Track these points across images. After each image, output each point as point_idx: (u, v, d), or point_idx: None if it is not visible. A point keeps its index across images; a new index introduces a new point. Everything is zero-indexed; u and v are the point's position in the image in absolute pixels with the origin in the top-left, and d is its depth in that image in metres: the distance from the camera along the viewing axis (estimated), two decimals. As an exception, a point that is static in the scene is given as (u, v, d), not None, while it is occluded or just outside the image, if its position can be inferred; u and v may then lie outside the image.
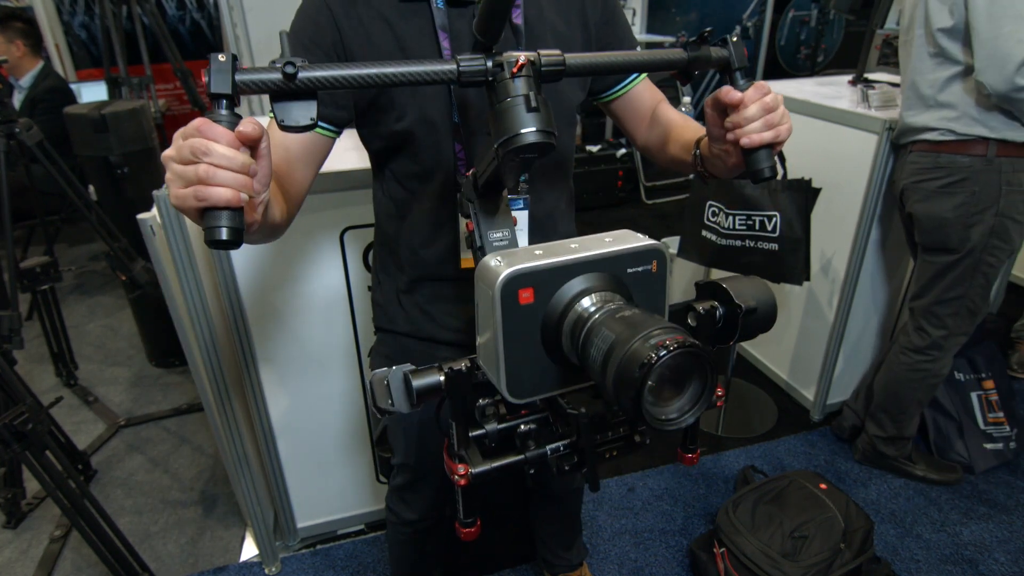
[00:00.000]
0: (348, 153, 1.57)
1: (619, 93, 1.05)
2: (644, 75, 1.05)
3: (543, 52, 0.60)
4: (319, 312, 1.55)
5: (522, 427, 0.58)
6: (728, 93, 0.70)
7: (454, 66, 0.58)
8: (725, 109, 0.73)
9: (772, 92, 0.71)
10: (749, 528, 1.62)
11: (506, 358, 0.50)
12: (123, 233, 2.18)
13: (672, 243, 2.98)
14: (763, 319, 0.56)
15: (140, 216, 1.29)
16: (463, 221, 0.96)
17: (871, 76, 2.29)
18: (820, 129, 2.07)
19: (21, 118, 1.96)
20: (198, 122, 0.55)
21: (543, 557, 1.62)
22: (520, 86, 0.57)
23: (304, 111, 0.57)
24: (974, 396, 2.09)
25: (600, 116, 4.65)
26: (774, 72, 5.14)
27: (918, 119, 1.65)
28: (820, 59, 5.33)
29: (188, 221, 1.32)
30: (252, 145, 0.57)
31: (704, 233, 1.98)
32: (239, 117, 0.56)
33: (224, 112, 0.55)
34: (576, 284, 0.50)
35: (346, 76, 0.58)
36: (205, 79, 0.54)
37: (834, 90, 2.27)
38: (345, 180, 1.42)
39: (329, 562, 1.80)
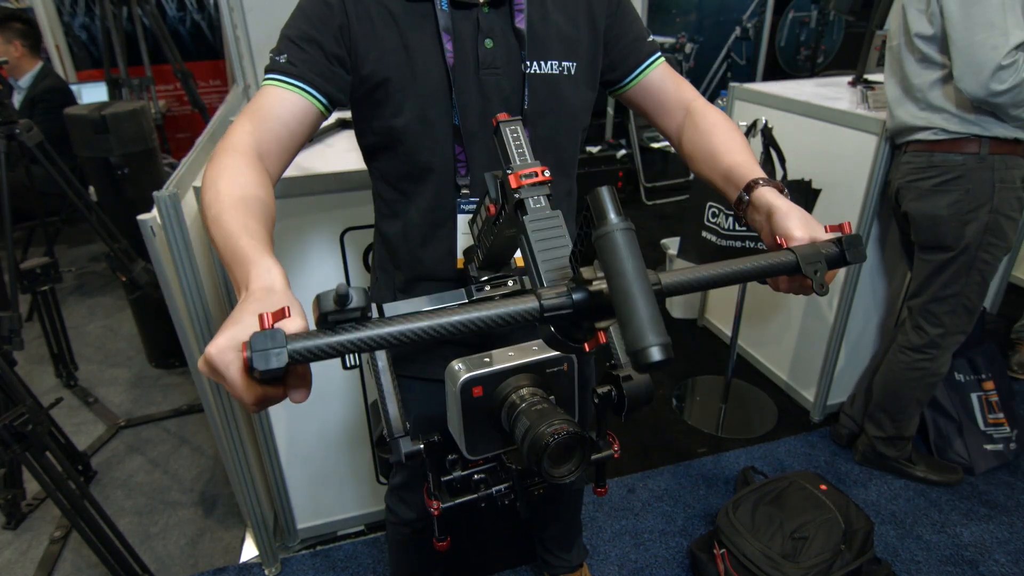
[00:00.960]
0: (348, 154, 1.57)
1: (632, 83, 1.03)
2: (660, 60, 1.02)
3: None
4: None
5: (475, 476, 0.83)
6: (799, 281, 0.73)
7: (536, 305, 0.58)
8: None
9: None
10: (749, 529, 1.62)
11: (464, 430, 0.75)
12: (123, 234, 2.18)
13: (672, 244, 2.98)
14: (640, 405, 0.79)
15: (140, 217, 1.29)
16: (462, 221, 0.97)
17: (871, 77, 2.29)
18: (820, 130, 2.07)
19: (21, 119, 1.96)
20: (251, 401, 0.56)
21: (543, 558, 1.62)
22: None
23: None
24: (974, 397, 2.09)
25: (600, 117, 4.65)
26: (774, 73, 5.14)
27: (913, 119, 1.66)
28: (820, 60, 5.33)
29: (188, 222, 1.32)
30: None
31: (704, 234, 1.99)
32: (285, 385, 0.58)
33: (273, 381, 0.55)
34: (511, 383, 0.74)
35: (415, 330, 0.54)
36: (251, 366, 0.49)
37: (834, 91, 2.27)
38: (345, 181, 1.42)
39: (329, 563, 1.80)
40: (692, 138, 0.98)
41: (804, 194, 1.82)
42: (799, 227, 0.74)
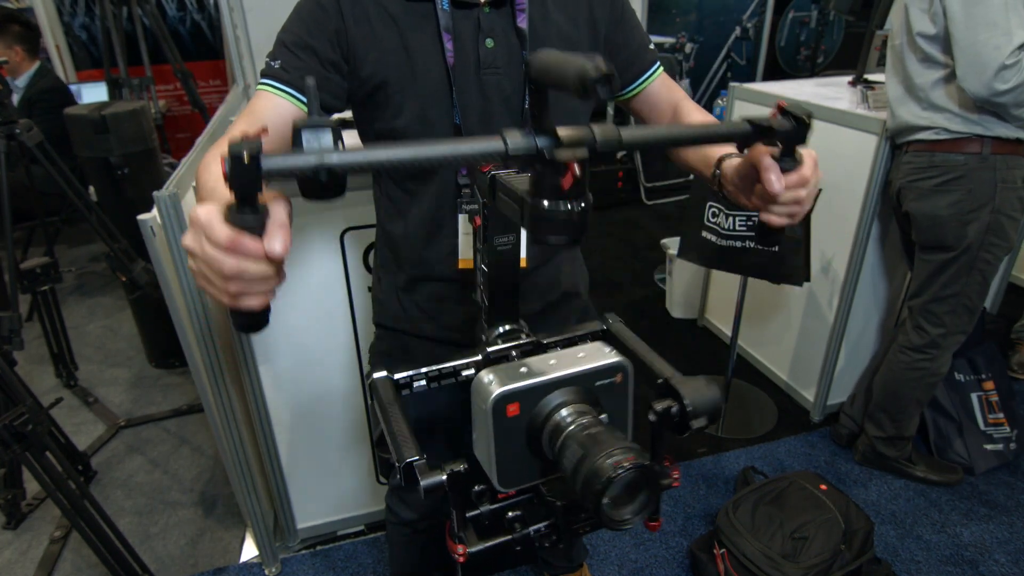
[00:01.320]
0: (348, 154, 1.57)
1: (636, 91, 1.04)
2: (660, 71, 1.04)
3: (598, 131, 0.56)
4: (319, 313, 1.55)
5: (510, 513, 0.70)
6: (768, 181, 0.67)
7: (502, 146, 0.55)
8: (757, 176, 0.69)
9: (811, 179, 0.69)
10: (749, 529, 1.62)
11: (497, 456, 0.62)
12: (123, 234, 2.18)
13: (672, 244, 2.98)
14: (710, 420, 0.67)
15: (140, 217, 1.29)
16: (462, 221, 0.97)
17: (871, 77, 2.29)
18: (820, 130, 2.07)
19: (21, 119, 1.96)
20: (227, 239, 0.50)
21: (543, 558, 1.62)
22: (567, 193, 0.56)
23: (334, 192, 0.55)
24: (974, 397, 2.09)
25: (600, 117, 4.65)
26: (774, 73, 5.14)
27: (915, 119, 1.66)
28: (820, 60, 5.33)
29: (188, 221, 1.32)
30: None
31: (704, 234, 1.99)
32: (264, 213, 0.51)
33: (251, 214, 0.51)
34: (554, 398, 0.61)
35: (384, 160, 0.53)
36: (226, 173, 0.48)
37: (834, 91, 2.27)
38: (345, 181, 1.42)
39: (329, 563, 1.80)
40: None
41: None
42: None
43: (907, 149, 1.73)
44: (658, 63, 1.04)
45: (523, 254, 0.93)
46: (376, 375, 0.72)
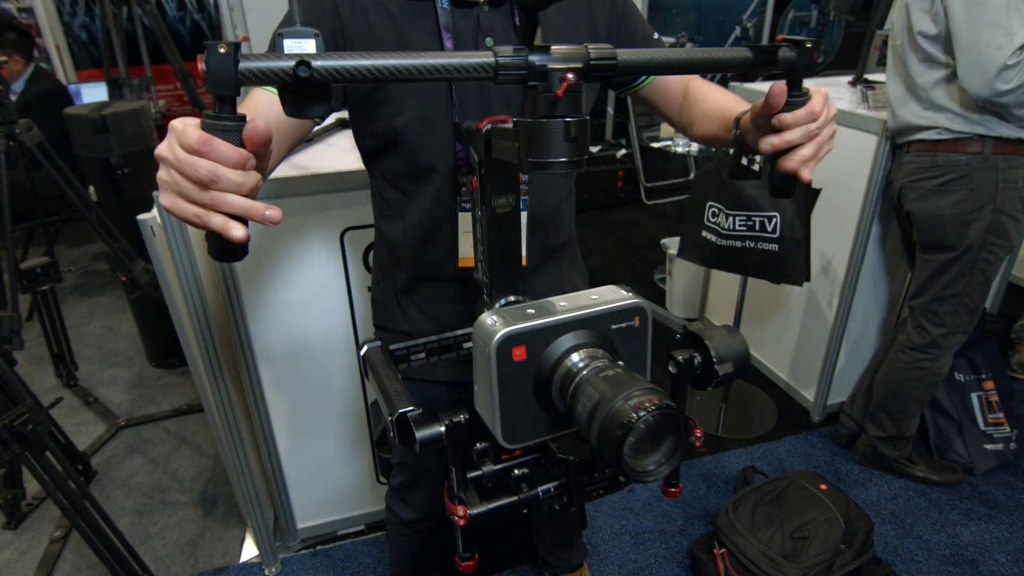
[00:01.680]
0: (348, 153, 1.57)
1: (644, 83, 1.03)
2: None
3: (593, 49, 0.54)
4: (319, 313, 1.55)
5: (516, 471, 0.63)
6: (778, 116, 0.68)
7: (492, 59, 0.52)
8: (770, 118, 0.69)
9: (823, 114, 0.68)
10: (749, 529, 1.62)
11: (501, 408, 0.56)
12: (123, 234, 2.18)
13: (672, 244, 2.98)
14: (736, 372, 0.63)
15: (140, 217, 1.29)
16: (463, 219, 0.97)
17: (871, 77, 2.29)
18: (820, 130, 2.06)
19: (21, 119, 1.96)
20: (200, 138, 0.49)
21: (543, 558, 1.62)
22: (562, 107, 0.52)
23: (317, 103, 0.53)
24: (974, 397, 2.09)
25: (600, 116, 4.65)
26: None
27: (917, 119, 1.66)
28: (820, 60, 5.33)
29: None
30: (260, 151, 0.52)
31: (704, 234, 1.98)
32: (243, 119, 0.51)
33: (228, 118, 0.49)
34: (565, 341, 0.55)
35: (369, 68, 0.51)
36: (203, 70, 0.47)
37: (834, 91, 2.27)
38: (345, 180, 1.42)
39: (329, 563, 1.80)
40: (689, 109, 1.00)
41: (804, 194, 1.82)
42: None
43: (908, 149, 1.73)
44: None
45: (523, 252, 0.93)
46: (369, 345, 0.67)
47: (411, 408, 0.57)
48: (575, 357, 0.55)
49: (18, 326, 1.72)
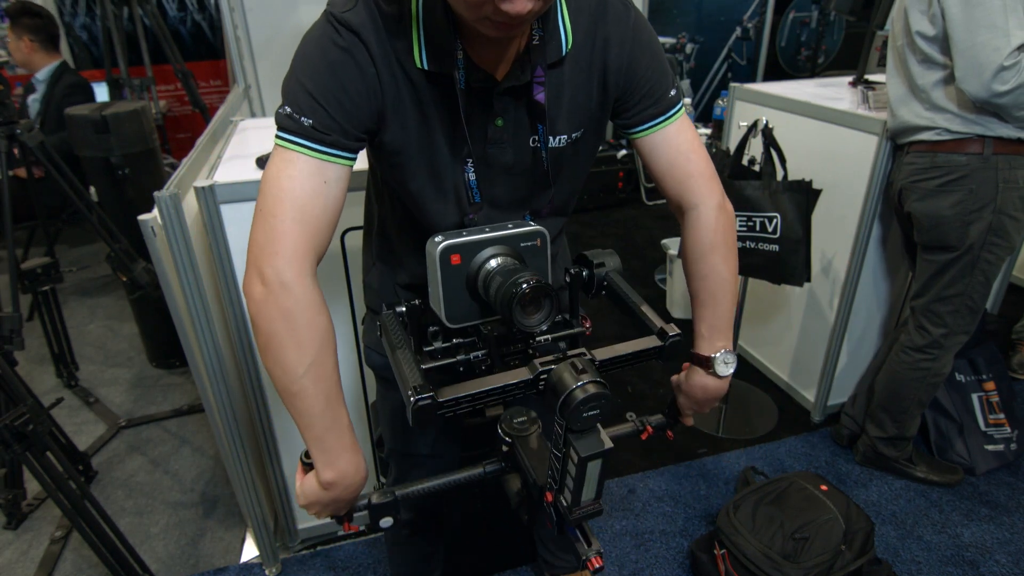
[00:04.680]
0: (349, 154, 1.57)
1: (637, 135, 0.98)
2: (670, 121, 0.95)
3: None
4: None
5: (455, 340, 0.87)
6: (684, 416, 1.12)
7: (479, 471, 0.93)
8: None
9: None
10: (750, 529, 1.62)
11: (444, 298, 0.80)
12: (124, 234, 2.18)
13: (672, 244, 2.98)
14: (613, 276, 0.95)
15: (141, 217, 1.29)
16: None
17: (871, 77, 2.29)
18: (820, 130, 2.07)
19: (23, 119, 1.96)
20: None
21: (543, 558, 1.62)
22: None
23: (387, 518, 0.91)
24: (975, 397, 2.09)
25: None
26: (774, 73, 5.14)
27: (918, 119, 1.66)
28: (820, 60, 5.33)
29: (188, 222, 1.32)
30: None
31: (704, 234, 1.98)
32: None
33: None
34: (487, 251, 0.80)
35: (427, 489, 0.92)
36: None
37: (834, 91, 2.27)
38: (346, 181, 1.42)
39: (329, 563, 1.80)
40: (698, 257, 1.02)
41: (804, 194, 1.82)
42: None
43: (908, 150, 1.73)
44: (671, 113, 0.95)
45: None
46: (396, 308, 0.86)
47: (422, 395, 0.75)
48: (493, 262, 0.79)
49: (19, 326, 1.72)
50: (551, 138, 0.91)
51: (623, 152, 4.39)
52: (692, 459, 2.16)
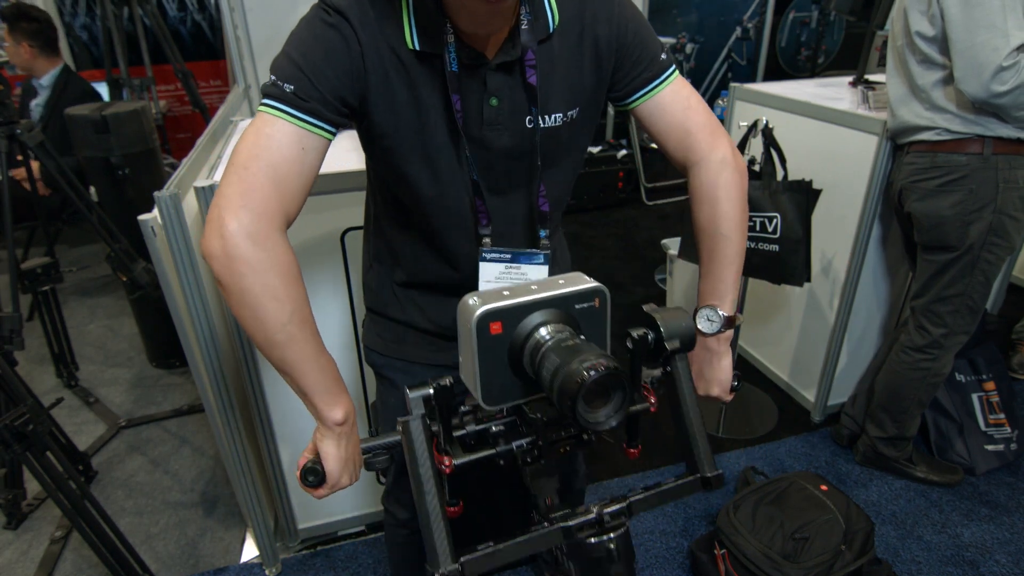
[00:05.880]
0: (348, 154, 1.57)
1: (635, 103, 0.98)
2: (667, 83, 0.96)
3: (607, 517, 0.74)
4: (319, 313, 1.54)
5: (493, 428, 0.74)
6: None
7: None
8: None
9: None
10: (750, 529, 1.62)
11: (481, 375, 0.66)
12: (124, 234, 2.18)
13: (673, 244, 2.98)
14: (683, 348, 0.77)
15: (141, 217, 1.29)
16: (484, 269, 0.98)
17: (871, 77, 2.29)
18: (820, 130, 2.07)
19: (23, 119, 1.96)
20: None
21: (543, 558, 1.62)
22: None
23: (384, 460, 0.82)
24: (975, 397, 2.09)
25: (601, 117, 4.64)
26: (775, 73, 5.14)
27: (918, 119, 1.66)
28: (820, 60, 5.33)
29: (188, 222, 1.32)
30: None
31: (705, 234, 1.98)
32: None
33: None
34: (535, 318, 0.65)
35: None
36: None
37: (834, 91, 2.27)
38: (345, 181, 1.42)
39: (329, 563, 1.80)
40: (697, 209, 1.01)
41: (804, 194, 1.82)
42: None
43: (909, 150, 1.73)
44: (666, 75, 0.95)
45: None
46: (411, 415, 0.73)
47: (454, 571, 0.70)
48: (543, 331, 0.65)
49: (19, 326, 1.72)
50: (547, 117, 0.91)
51: (623, 152, 4.40)
52: (677, 463, 2.15)
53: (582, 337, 0.65)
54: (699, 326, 0.95)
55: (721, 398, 1.02)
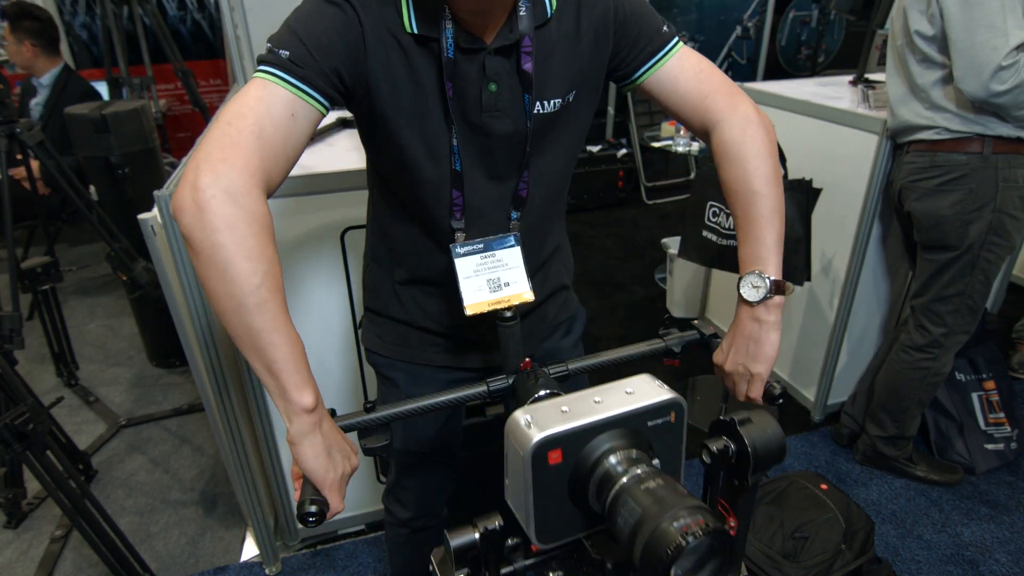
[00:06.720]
0: (349, 153, 1.57)
1: (641, 79, 0.96)
2: (672, 53, 0.94)
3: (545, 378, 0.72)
4: (319, 312, 1.55)
5: (550, 574, 0.62)
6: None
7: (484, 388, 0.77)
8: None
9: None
10: (750, 529, 1.62)
11: (535, 509, 0.54)
12: (124, 233, 2.18)
13: (673, 243, 2.98)
14: (773, 457, 0.60)
15: (141, 216, 1.29)
16: (460, 265, 0.96)
17: (872, 76, 2.29)
18: (821, 129, 2.06)
19: (22, 118, 1.96)
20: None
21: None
22: None
23: (380, 437, 0.78)
24: (975, 396, 2.09)
25: (601, 116, 4.65)
26: (775, 73, 5.13)
27: (918, 118, 1.66)
28: (821, 59, 5.33)
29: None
30: None
31: (705, 233, 1.98)
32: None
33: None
34: (601, 442, 0.54)
35: (412, 410, 0.82)
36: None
37: (835, 90, 2.27)
38: (345, 180, 1.42)
39: (330, 562, 1.80)
40: (725, 169, 0.95)
41: (804, 193, 1.82)
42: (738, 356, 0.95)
43: (908, 149, 1.73)
44: (670, 45, 0.94)
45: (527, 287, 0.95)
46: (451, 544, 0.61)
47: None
48: (612, 459, 0.54)
49: (19, 325, 1.72)
50: (544, 103, 0.90)
51: (623, 152, 4.39)
52: (692, 458, 2.15)
53: (659, 469, 0.54)
54: (743, 294, 0.88)
55: (756, 391, 0.92)
